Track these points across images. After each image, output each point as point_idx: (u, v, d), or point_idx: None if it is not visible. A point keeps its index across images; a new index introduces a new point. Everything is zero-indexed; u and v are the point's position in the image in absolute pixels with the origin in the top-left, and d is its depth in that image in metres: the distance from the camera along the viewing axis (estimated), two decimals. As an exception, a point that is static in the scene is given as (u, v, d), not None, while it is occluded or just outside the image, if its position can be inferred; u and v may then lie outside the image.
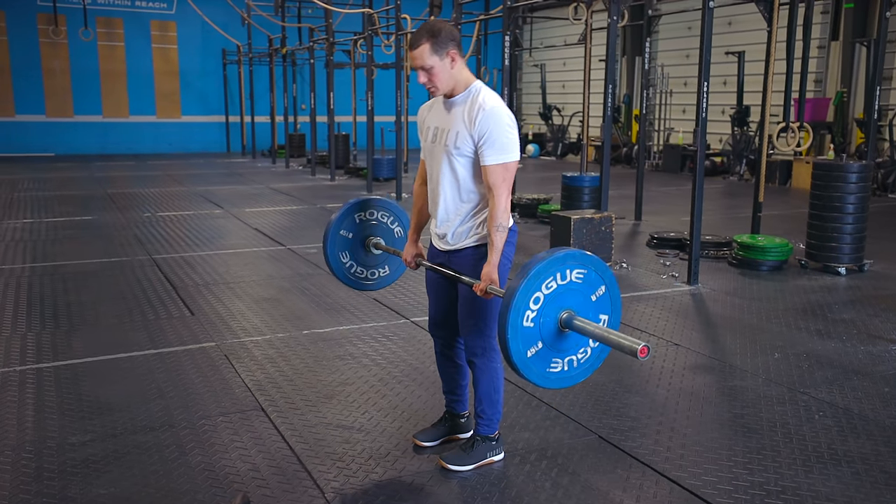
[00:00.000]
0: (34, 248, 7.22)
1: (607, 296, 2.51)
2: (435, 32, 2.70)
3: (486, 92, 2.79)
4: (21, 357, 4.20)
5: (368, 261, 3.52)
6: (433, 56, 2.70)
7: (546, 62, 20.07)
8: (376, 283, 3.59)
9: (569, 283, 2.42)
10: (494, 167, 2.72)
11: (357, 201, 3.40)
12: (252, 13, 16.83)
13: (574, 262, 2.42)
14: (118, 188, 12.13)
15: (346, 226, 3.40)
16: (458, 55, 2.75)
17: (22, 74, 18.93)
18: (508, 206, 2.75)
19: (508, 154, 2.73)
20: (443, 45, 2.70)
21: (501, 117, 2.72)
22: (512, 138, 2.74)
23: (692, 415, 3.53)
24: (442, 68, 2.72)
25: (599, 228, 6.53)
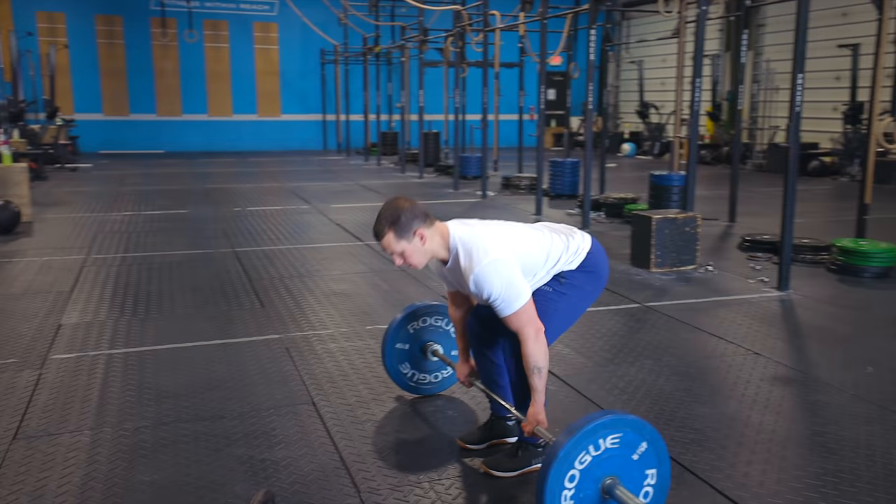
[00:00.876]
0: (128, 239, 7.53)
1: (651, 450, 2.39)
2: (394, 219, 2.64)
3: (464, 248, 2.68)
4: (96, 343, 4.36)
5: (429, 366, 3.57)
6: (401, 241, 2.67)
7: (644, 58, 19.49)
8: (440, 385, 3.63)
9: (604, 451, 2.32)
10: (510, 318, 2.66)
11: (408, 312, 3.45)
12: (348, 13, 17.11)
13: (605, 430, 2.31)
14: (216, 184, 12.57)
15: (402, 338, 3.46)
16: (426, 227, 2.68)
17: (136, 76, 19.94)
18: (539, 346, 2.66)
19: (516, 300, 2.63)
20: (406, 228, 2.65)
21: (491, 274, 2.61)
22: (513, 283, 2.63)
23: (763, 429, 3.27)
24: (414, 249, 2.69)
25: (683, 229, 6.22)
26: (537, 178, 9.28)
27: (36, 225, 8.28)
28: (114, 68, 19.80)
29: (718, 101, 16.70)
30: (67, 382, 3.73)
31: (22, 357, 4.09)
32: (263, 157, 18.20)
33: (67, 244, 7.21)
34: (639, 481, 2.39)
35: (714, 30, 17.86)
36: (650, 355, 4.20)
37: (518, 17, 12.12)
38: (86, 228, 8.09)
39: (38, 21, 19.13)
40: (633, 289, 5.67)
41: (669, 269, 6.21)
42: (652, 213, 6.32)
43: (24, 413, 3.37)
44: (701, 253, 6.63)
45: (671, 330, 4.67)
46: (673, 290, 5.65)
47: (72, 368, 3.93)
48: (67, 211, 9.34)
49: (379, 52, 16.60)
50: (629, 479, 2.36)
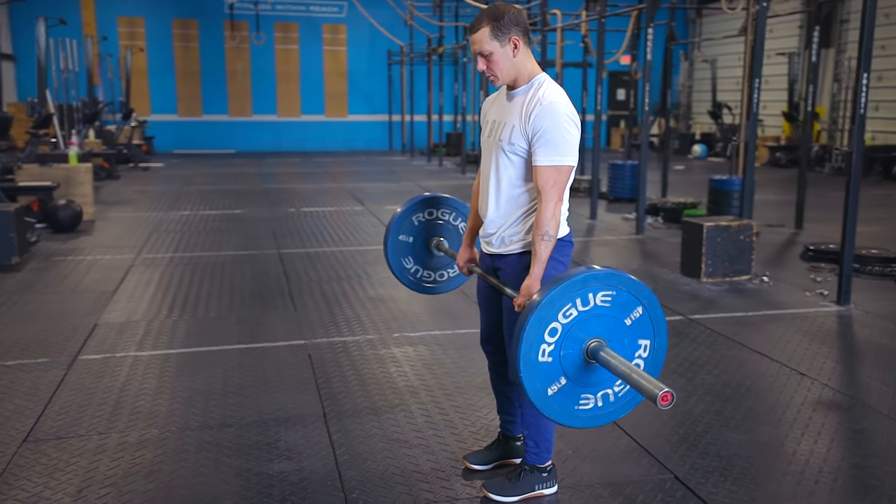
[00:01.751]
0: (180, 239, 7.67)
1: (646, 317, 2.15)
2: (497, 15, 2.45)
3: (549, 85, 2.51)
4: (126, 344, 4.40)
5: (434, 263, 3.29)
6: (493, 41, 2.46)
7: (718, 57, 18.83)
8: (443, 285, 3.35)
9: (593, 308, 2.10)
10: (545, 168, 2.44)
11: (416, 201, 3.19)
12: (414, 14, 17.11)
13: (597, 284, 2.09)
14: (277, 184, 12.74)
15: (406, 229, 3.21)
16: (523, 42, 2.49)
17: (209, 78, 20.46)
18: (558, 214, 2.45)
19: (562, 156, 2.44)
20: (505, 29, 2.45)
21: (559, 114, 2.43)
22: (568, 139, 2.44)
23: (796, 459, 3.02)
24: (503, 55, 2.47)
25: (737, 237, 5.90)
26: (592, 181, 9.02)
27: (97, 223, 8.53)
28: (189, 70, 20.35)
29: (796, 100, 15.97)
30: (88, 384, 3.77)
31: (52, 357, 4.16)
32: (329, 158, 18.39)
33: (121, 243, 7.39)
34: (629, 351, 2.18)
35: (793, 26, 17.11)
36: (684, 373, 3.97)
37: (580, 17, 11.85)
38: (142, 228, 8.28)
39: (119, 26, 19.83)
40: (678, 300, 5.40)
41: (721, 280, 5.90)
42: (703, 219, 6.02)
43: (41, 415, 3.40)
44: (757, 262, 6.30)
45: (712, 346, 4.41)
46: (721, 302, 5.36)
47: (96, 370, 3.97)
48: (129, 210, 9.60)
49: (442, 52, 16.54)
50: (619, 345, 2.15)
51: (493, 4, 2.55)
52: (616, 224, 8.67)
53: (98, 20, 19.58)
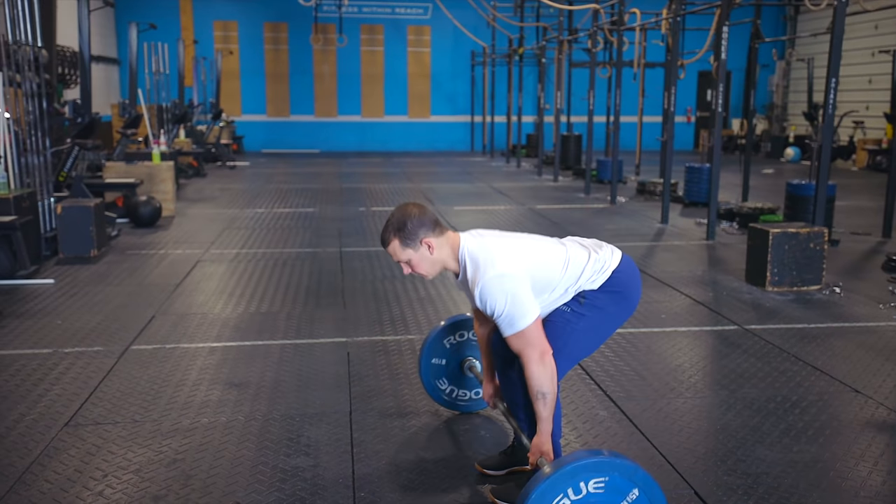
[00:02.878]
0: (249, 235, 7.91)
1: (644, 499, 2.13)
2: (400, 226, 2.53)
3: (472, 259, 2.55)
4: (178, 336, 4.56)
5: (467, 383, 3.44)
6: (407, 249, 2.56)
7: (815, 56, 17.98)
8: (479, 402, 3.47)
9: (586, 496, 2.10)
10: (511, 339, 2.52)
11: (445, 326, 3.32)
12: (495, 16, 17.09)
13: (587, 473, 2.09)
14: (354, 183, 12.96)
15: (438, 353, 3.34)
16: (434, 237, 2.56)
17: (297, 79, 21.05)
18: (543, 370, 2.48)
19: (518, 321, 2.48)
20: (412, 236, 2.53)
21: (493, 290, 2.47)
22: (514, 303, 2.46)
23: (835, 483, 2.85)
24: (420, 258, 2.57)
25: (806, 245, 5.62)
26: (664, 185, 8.78)
27: (176, 219, 8.89)
28: (278, 72, 20.98)
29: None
30: (135, 374, 3.93)
31: (107, 346, 4.36)
32: (409, 158, 18.58)
33: (194, 239, 7.68)
34: None
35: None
36: (727, 385, 3.81)
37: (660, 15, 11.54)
38: (217, 224, 8.58)
39: (215, 29, 20.64)
40: (736, 309, 5.19)
41: (787, 289, 5.63)
42: (771, 225, 5.75)
43: (85, 401, 3.57)
44: (831, 272, 5.99)
45: (764, 358, 4.21)
46: (784, 313, 5.11)
47: (145, 360, 4.14)
48: (209, 207, 9.97)
49: (523, 52, 16.45)
50: None
51: (397, 211, 2.58)
52: (687, 229, 8.40)
53: (195, 24, 20.44)
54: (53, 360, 4.11)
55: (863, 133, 17.06)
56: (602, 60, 15.11)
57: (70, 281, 5.89)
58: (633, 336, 4.58)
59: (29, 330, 4.65)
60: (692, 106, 22.04)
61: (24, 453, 3.04)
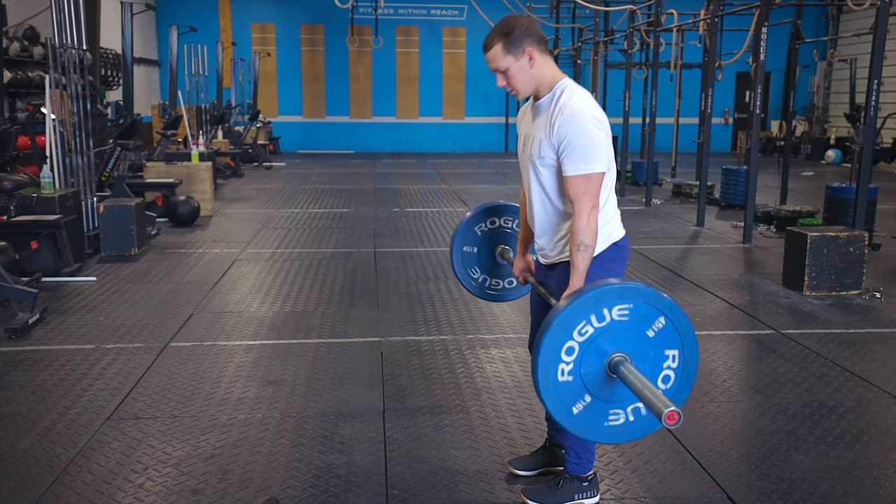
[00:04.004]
0: (285, 235, 8.01)
1: (670, 327, 2.07)
2: (508, 30, 2.42)
3: (570, 91, 2.46)
4: (216, 334, 4.65)
5: (500, 271, 3.30)
6: (507, 56, 2.43)
7: (858, 56, 17.64)
8: (510, 292, 3.35)
9: (610, 323, 2.05)
10: (574, 178, 2.41)
11: (478, 211, 3.18)
12: (532, 17, 17.05)
13: (611, 299, 2.04)
14: (388, 184, 13.04)
15: (469, 240, 3.23)
16: (538, 52, 2.45)
17: (333, 81, 21.22)
18: (593, 222, 2.40)
19: (590, 163, 2.39)
20: (517, 43, 2.42)
21: (583, 121, 2.37)
22: (594, 145, 2.38)
23: (872, 490, 2.82)
24: (519, 69, 2.45)
25: (846, 249, 5.53)
26: (700, 187, 8.70)
27: (214, 219, 9.04)
28: (314, 74, 21.17)
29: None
30: (174, 370, 4.02)
31: (147, 342, 4.46)
32: (443, 159, 18.62)
33: (231, 238, 7.80)
34: (656, 362, 2.10)
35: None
36: (763, 390, 3.77)
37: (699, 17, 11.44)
38: (253, 224, 8.70)
39: (253, 31, 20.90)
40: (773, 313, 5.13)
41: (826, 294, 5.55)
42: (809, 229, 5.68)
43: (126, 396, 3.67)
44: (872, 277, 5.89)
45: (801, 363, 4.16)
46: (821, 318, 5.04)
47: (184, 356, 4.23)
48: (246, 207, 10.11)
49: (559, 53, 16.40)
50: (643, 357, 2.08)
51: (503, 19, 2.50)
52: (724, 231, 8.31)
53: (234, 27, 20.72)
54: (96, 356, 4.22)
55: None
56: (638, 61, 15.01)
57: (111, 279, 6.03)
58: (666, 339, 4.55)
59: (72, 326, 4.78)
60: (730, 107, 21.76)
61: (68, 445, 3.14)
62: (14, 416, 3.42)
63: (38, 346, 4.39)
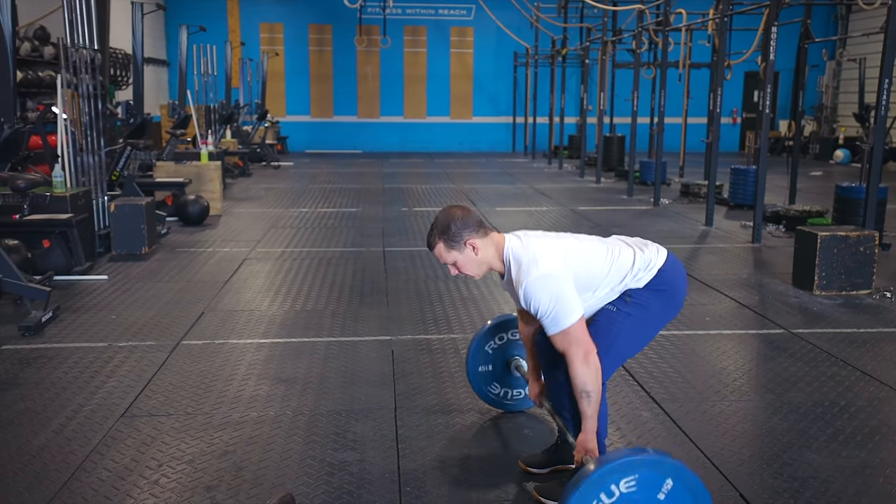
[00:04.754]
0: (294, 234, 8.04)
1: (680, 486, 2.12)
2: (444, 229, 2.58)
3: (516, 259, 2.59)
4: (227, 332, 4.68)
5: (514, 382, 3.48)
6: (452, 251, 2.61)
7: (867, 56, 17.58)
8: (524, 401, 3.51)
9: (619, 497, 2.10)
10: (556, 337, 2.53)
11: (484, 332, 3.36)
12: (539, 17, 17.06)
13: (617, 475, 2.08)
14: (396, 183, 13.07)
15: (484, 360, 3.39)
16: (479, 238, 2.60)
17: (341, 80, 21.27)
18: (588, 369, 2.49)
19: (563, 319, 2.49)
20: (457, 238, 2.58)
21: (539, 290, 2.49)
22: (560, 303, 2.48)
23: (885, 490, 2.82)
24: (466, 259, 2.62)
25: (856, 249, 5.52)
26: (708, 186, 8.69)
27: (223, 218, 9.08)
28: (322, 73, 21.23)
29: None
30: (186, 368, 4.05)
31: (159, 340, 4.49)
32: (451, 159, 18.64)
33: (241, 237, 7.83)
34: None
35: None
36: (774, 389, 3.77)
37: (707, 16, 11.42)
38: (262, 223, 8.74)
39: (261, 31, 20.97)
40: (783, 312, 5.13)
41: (836, 293, 5.54)
42: (819, 228, 5.67)
43: (140, 393, 3.69)
44: (883, 276, 5.88)
45: (811, 362, 4.16)
46: (832, 317, 5.04)
47: (195, 354, 4.26)
48: (254, 206, 10.15)
49: (566, 53, 16.39)
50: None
51: (438, 217, 2.63)
52: (733, 231, 8.30)
53: (242, 27, 20.78)
54: (108, 354, 4.25)
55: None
56: (646, 61, 14.98)
57: (123, 277, 6.06)
58: (676, 338, 4.56)
59: (85, 324, 4.81)
60: (738, 107, 21.72)
61: (83, 442, 3.16)
62: (29, 413, 3.45)
63: (51, 343, 4.42)
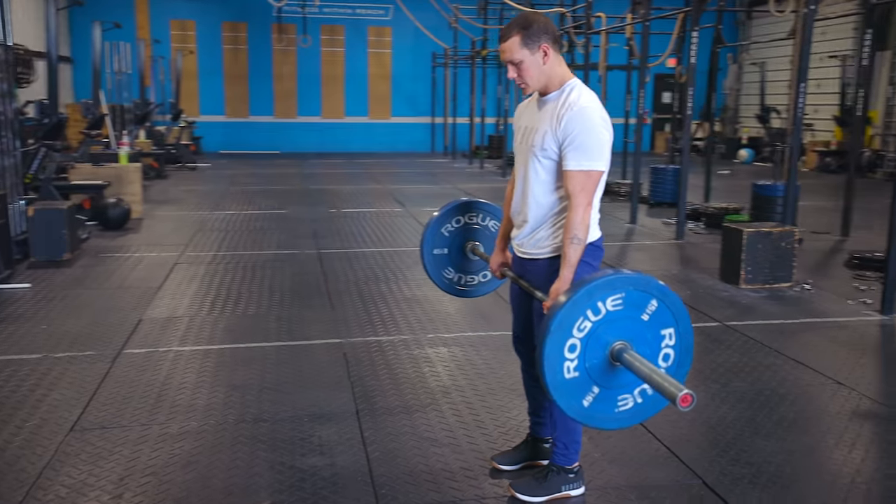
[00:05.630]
0: (223, 237, 7.85)
1: (663, 307, 2.16)
2: (526, 24, 2.50)
3: (580, 90, 2.54)
4: (169, 339, 4.54)
5: (471, 267, 3.33)
6: (523, 49, 2.50)
7: (767, 60, 18.52)
8: (479, 288, 3.38)
9: (606, 314, 2.12)
10: (575, 173, 2.48)
11: (444, 211, 3.22)
12: (458, 17, 17.18)
13: (604, 291, 2.11)
14: (319, 185, 12.92)
15: (439, 242, 3.27)
16: (552, 49, 2.52)
17: (256, 80, 20.83)
18: (587, 218, 2.49)
19: (592, 160, 2.47)
20: (534, 37, 2.49)
21: (591, 118, 2.46)
22: (599, 143, 2.47)
23: (827, 469, 3.00)
24: (532, 63, 2.51)
25: (778, 244, 5.83)
26: (632, 185, 8.97)
27: (145, 222, 8.76)
28: (237, 73, 20.74)
29: (849, 105, 15.62)
30: (132, 377, 3.90)
31: (99, 350, 4.31)
32: (371, 159, 18.56)
33: (167, 241, 7.59)
34: (654, 343, 2.19)
35: (847, 28, 16.73)
36: (718, 379, 3.95)
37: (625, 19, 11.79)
38: (188, 226, 8.49)
39: (171, 28, 20.30)
40: (716, 306, 5.36)
41: (761, 287, 5.83)
42: (744, 225, 5.96)
43: (87, 405, 3.54)
44: (800, 270, 6.21)
45: (748, 353, 4.37)
46: (760, 309, 5.30)
47: (140, 363, 4.11)
48: (176, 209, 9.84)
49: (486, 55, 16.58)
50: (642, 341, 2.17)
51: (522, 13, 2.60)
52: (656, 228, 8.60)
53: (151, 23, 20.08)
54: (46, 365, 4.05)
55: (812, 136, 17.62)
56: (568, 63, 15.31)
57: (46, 285, 5.78)
58: (620, 333, 4.70)
59: (14, 335, 4.57)
60: (649, 108, 22.46)
61: (33, 458, 3.01)
62: (-32, 431, 3.26)
63: (-20, 356, 4.18)
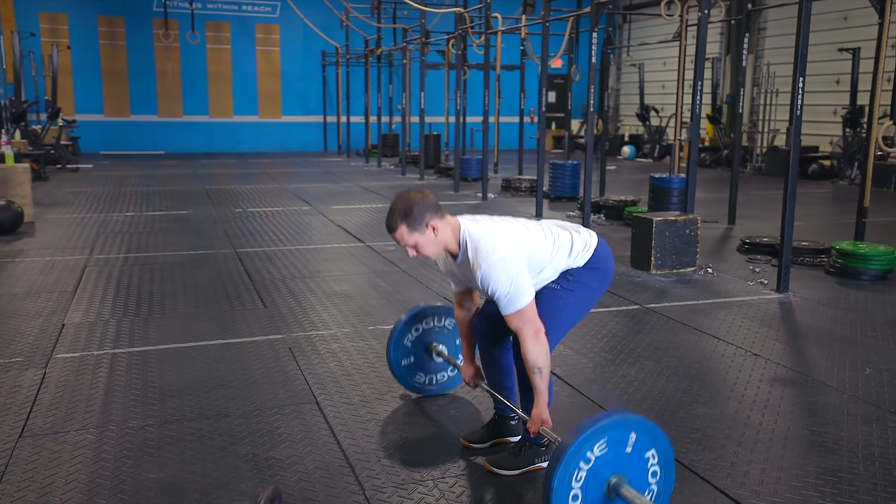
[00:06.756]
0: (130, 239, 7.56)
1: (641, 437, 2.39)
2: (407, 211, 2.66)
3: (474, 243, 2.71)
4: (100, 342, 4.38)
5: (436, 366, 3.61)
6: (413, 234, 2.69)
7: (645, 61, 19.54)
8: (446, 384, 3.66)
9: (596, 460, 2.32)
10: (511, 317, 2.69)
11: (400, 327, 3.46)
12: (350, 15, 17.15)
13: (590, 442, 2.30)
14: (217, 185, 12.60)
15: (405, 354, 3.50)
16: (438, 220, 2.70)
17: (137, 77, 19.99)
18: (541, 344, 2.68)
19: (518, 300, 2.66)
20: (419, 220, 2.67)
21: (497, 270, 2.65)
22: (517, 284, 2.66)
23: (763, 429, 3.30)
24: (426, 241, 2.71)
25: (683, 231, 6.25)
26: (538, 180, 9.31)
27: (38, 225, 8.31)
28: (115, 69, 19.84)
29: (718, 104, 16.74)
30: (73, 381, 3.76)
31: (26, 356, 4.11)
32: (264, 159, 18.24)
33: (70, 244, 7.24)
34: (642, 468, 2.40)
35: (714, 33, 17.91)
36: (650, 356, 4.23)
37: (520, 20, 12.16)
38: (87, 229, 8.12)
39: (41, 22, 19.17)
40: (633, 290, 5.70)
41: (669, 272, 6.24)
42: (653, 215, 6.35)
43: (30, 411, 3.39)
44: (701, 255, 6.67)
45: (671, 331, 4.70)
46: (673, 292, 5.68)
47: (76, 367, 3.96)
48: (69, 211, 9.37)
49: (380, 54, 16.64)
50: (631, 468, 2.37)
51: (398, 199, 2.71)
52: (561, 221, 8.95)
53: (17, 15, 18.88)
54: (-28, 374, 3.84)
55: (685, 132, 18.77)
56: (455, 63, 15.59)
57: (-53, 292, 5.42)
58: (552, 319, 4.93)
59: (-74, 345, 4.28)
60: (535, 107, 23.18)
61: (-10, 467, 2.88)
62: None
63: None
